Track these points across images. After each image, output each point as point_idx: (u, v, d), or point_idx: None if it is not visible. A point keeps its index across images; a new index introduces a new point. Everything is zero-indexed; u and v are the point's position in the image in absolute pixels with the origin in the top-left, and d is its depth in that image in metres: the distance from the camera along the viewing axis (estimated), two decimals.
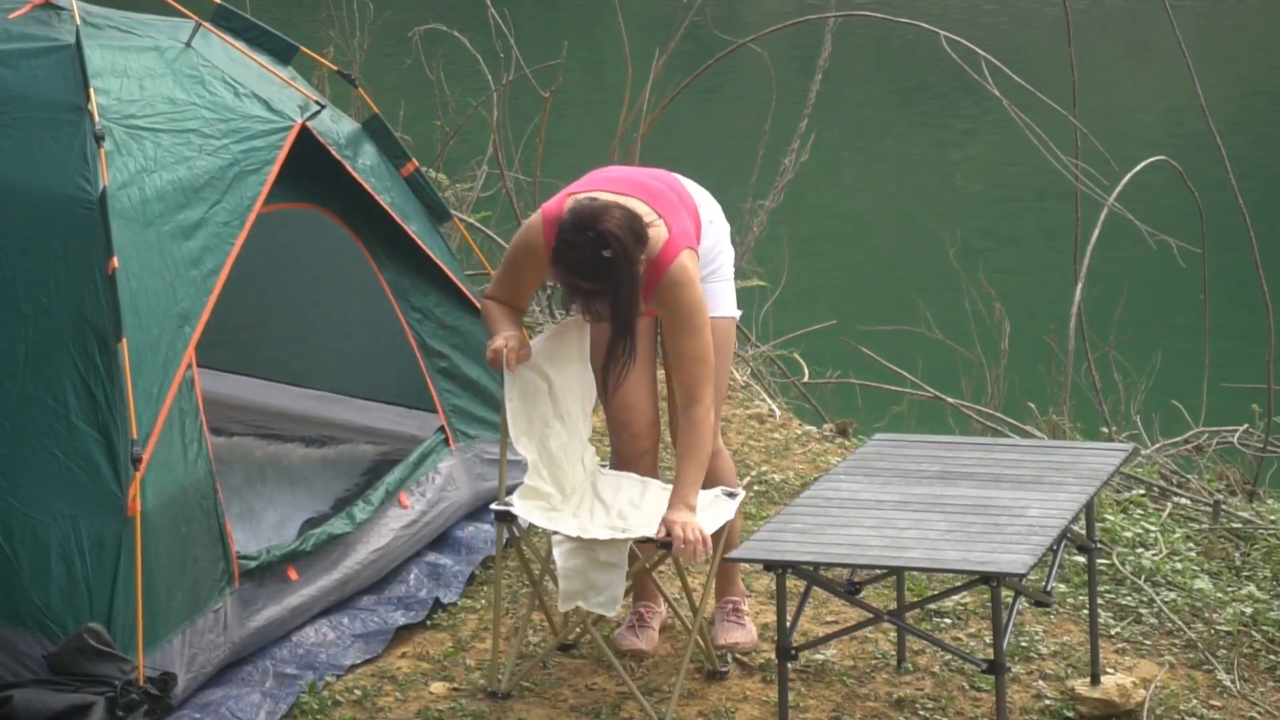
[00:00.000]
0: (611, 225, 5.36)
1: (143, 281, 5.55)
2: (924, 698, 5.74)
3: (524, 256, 5.65)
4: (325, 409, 7.35)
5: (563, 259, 5.42)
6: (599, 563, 5.44)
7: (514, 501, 5.61)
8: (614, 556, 5.44)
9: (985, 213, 17.19)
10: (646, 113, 9.86)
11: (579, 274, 5.42)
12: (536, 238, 5.59)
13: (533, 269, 5.67)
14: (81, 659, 5.17)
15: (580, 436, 5.86)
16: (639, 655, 5.86)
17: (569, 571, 5.46)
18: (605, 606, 5.47)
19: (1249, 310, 9.08)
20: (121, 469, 5.34)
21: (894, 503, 5.39)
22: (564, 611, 5.62)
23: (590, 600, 5.46)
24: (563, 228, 5.41)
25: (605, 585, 5.44)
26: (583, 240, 5.37)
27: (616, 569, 5.43)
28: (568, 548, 5.49)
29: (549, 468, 5.72)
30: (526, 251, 5.64)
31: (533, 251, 5.61)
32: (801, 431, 8.17)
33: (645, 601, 5.98)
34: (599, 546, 5.45)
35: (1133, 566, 6.60)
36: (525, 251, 5.64)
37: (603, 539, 5.47)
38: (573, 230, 5.39)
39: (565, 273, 5.44)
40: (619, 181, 5.65)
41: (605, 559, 5.44)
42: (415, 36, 11.17)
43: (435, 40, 11.69)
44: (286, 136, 6.17)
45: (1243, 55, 24.54)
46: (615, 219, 5.37)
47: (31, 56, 5.83)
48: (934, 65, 18.68)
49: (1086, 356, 8.77)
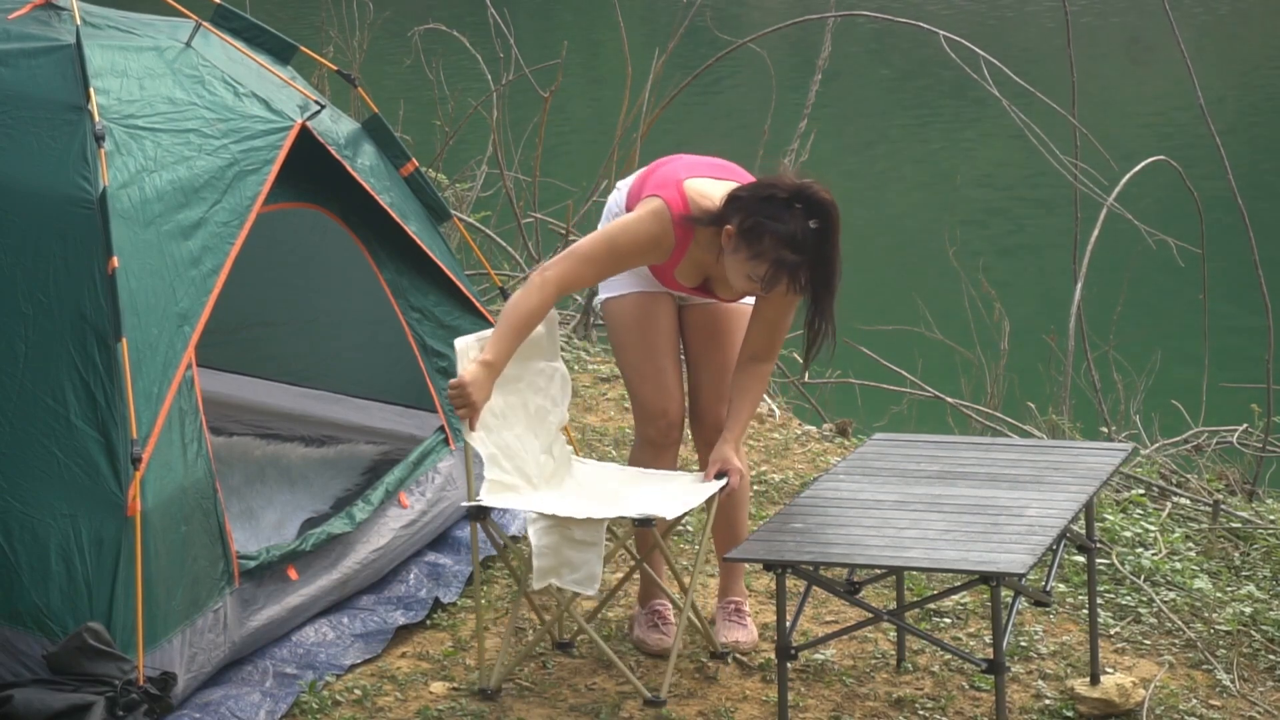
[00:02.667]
0: (823, 194, 5.46)
1: (142, 281, 5.55)
2: (924, 697, 5.74)
3: (645, 247, 5.62)
4: (325, 409, 7.35)
5: (768, 232, 5.44)
6: (574, 540, 5.42)
7: (482, 496, 5.61)
8: (590, 535, 5.41)
9: (985, 212, 17.19)
10: (646, 112, 9.86)
11: (787, 246, 5.44)
12: (666, 228, 5.59)
13: (645, 259, 5.66)
14: (81, 658, 5.17)
15: (548, 428, 5.85)
16: (668, 653, 5.81)
17: (542, 549, 5.44)
18: (582, 584, 5.44)
19: (1249, 310, 9.09)
20: (121, 469, 5.34)
21: (893, 502, 5.39)
22: (537, 589, 5.59)
23: (565, 577, 5.44)
24: (765, 200, 5.45)
25: (581, 563, 5.41)
26: (790, 213, 5.44)
27: (593, 547, 5.41)
28: (542, 525, 5.47)
29: (510, 459, 5.71)
30: (652, 242, 5.61)
31: (659, 242, 5.60)
32: (801, 431, 8.17)
33: (659, 600, 5.97)
34: (574, 525, 5.43)
35: (1132, 566, 6.60)
36: (650, 242, 5.61)
37: (578, 517, 5.44)
38: (781, 204, 5.45)
39: (773, 246, 5.45)
40: (715, 167, 5.76)
41: (581, 537, 5.42)
42: (415, 36, 11.18)
43: (435, 40, 11.70)
44: (286, 136, 6.17)
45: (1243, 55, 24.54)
46: (823, 190, 5.47)
47: (31, 56, 5.83)
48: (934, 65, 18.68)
49: (1086, 356, 8.78)
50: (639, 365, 5.82)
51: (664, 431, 5.84)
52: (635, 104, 9.92)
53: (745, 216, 5.49)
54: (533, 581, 5.51)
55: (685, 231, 5.62)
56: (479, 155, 10.81)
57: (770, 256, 5.47)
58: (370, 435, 7.18)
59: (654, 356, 5.82)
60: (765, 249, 5.47)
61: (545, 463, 5.82)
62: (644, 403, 5.84)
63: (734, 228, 5.50)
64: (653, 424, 5.84)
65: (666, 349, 5.83)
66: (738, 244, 5.51)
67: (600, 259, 5.66)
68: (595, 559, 5.41)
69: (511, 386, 5.77)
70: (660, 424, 5.83)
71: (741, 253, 5.51)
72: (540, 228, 10.43)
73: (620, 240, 5.64)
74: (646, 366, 5.81)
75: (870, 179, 18.45)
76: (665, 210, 5.62)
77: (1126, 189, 8.40)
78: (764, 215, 5.47)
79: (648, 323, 5.82)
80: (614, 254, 5.65)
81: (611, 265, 5.68)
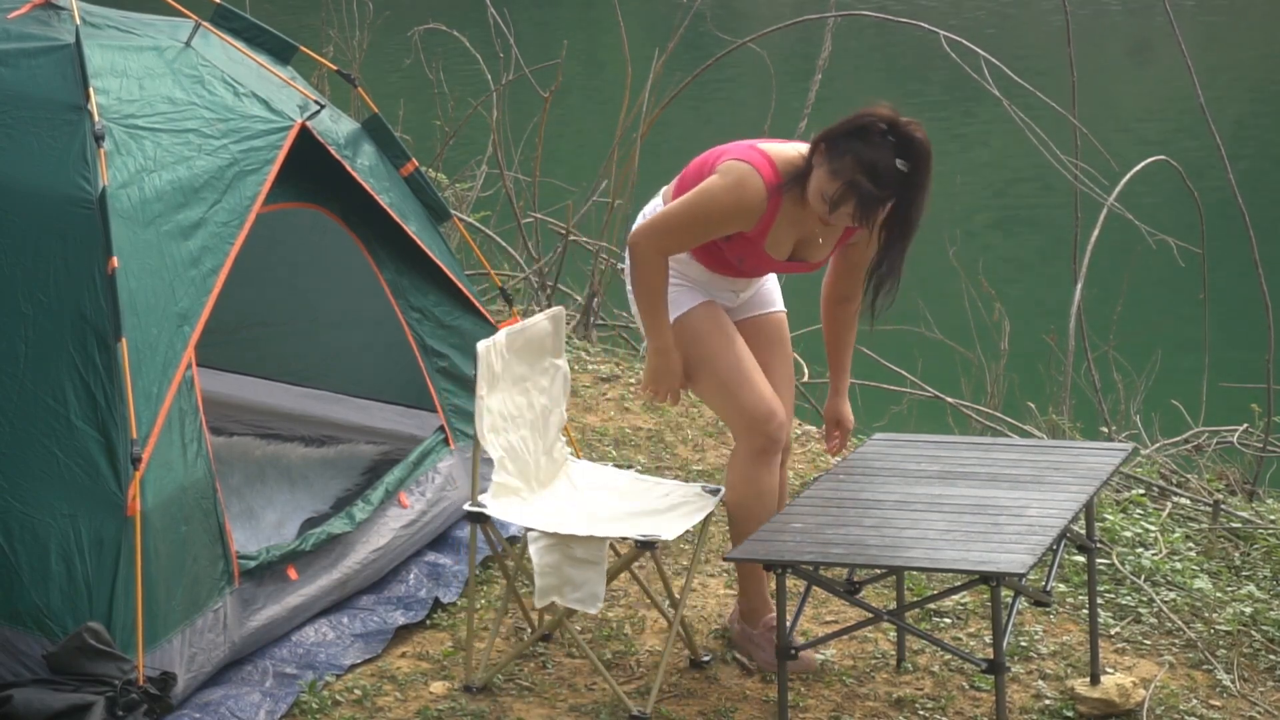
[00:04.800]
0: (918, 133, 5.35)
1: (142, 281, 5.55)
2: (924, 697, 5.74)
3: (738, 212, 5.46)
4: (325, 408, 7.35)
5: (851, 152, 5.32)
6: (575, 559, 5.41)
7: (486, 501, 5.61)
8: (592, 554, 5.40)
9: (985, 212, 17.19)
10: (646, 112, 9.86)
11: (866, 173, 5.32)
12: (757, 192, 5.44)
13: (736, 224, 5.50)
14: (81, 658, 5.17)
15: (550, 428, 5.85)
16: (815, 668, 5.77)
17: (544, 568, 5.43)
18: (585, 603, 5.42)
19: (1249, 310, 9.08)
20: (121, 469, 5.34)
21: (893, 502, 5.39)
22: (539, 607, 5.60)
23: (568, 596, 5.42)
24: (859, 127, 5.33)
25: (583, 581, 5.40)
26: (880, 141, 5.31)
27: (595, 565, 5.39)
28: (543, 544, 5.46)
29: (514, 461, 5.71)
30: (742, 208, 5.45)
31: (751, 207, 5.45)
32: (801, 431, 8.17)
33: (771, 614, 5.77)
34: (575, 543, 5.42)
35: (1132, 566, 6.60)
36: (740, 208, 5.46)
37: (580, 535, 5.44)
38: (875, 132, 5.32)
39: (852, 167, 5.32)
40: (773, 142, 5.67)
41: (582, 555, 5.41)
42: (415, 36, 11.17)
43: (435, 40, 11.69)
44: (286, 136, 6.17)
45: (1243, 55, 24.54)
46: (919, 129, 5.36)
47: (31, 56, 5.83)
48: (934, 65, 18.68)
49: (1086, 356, 8.77)
50: (732, 372, 5.64)
51: (775, 434, 5.63)
52: (635, 104, 9.91)
53: (836, 138, 5.37)
54: (535, 600, 5.51)
55: (775, 194, 5.47)
56: (479, 155, 10.80)
57: (846, 176, 5.34)
58: (370, 435, 7.18)
59: (743, 360, 5.67)
60: (844, 167, 5.34)
61: (545, 464, 5.82)
62: (749, 409, 5.62)
63: (824, 145, 5.39)
64: (762, 429, 5.61)
65: (747, 352, 5.69)
66: (821, 158, 5.39)
67: (691, 228, 5.53)
68: (597, 577, 5.40)
69: (520, 386, 5.77)
70: (770, 426, 5.61)
71: (823, 167, 5.38)
72: (540, 228, 10.43)
73: (708, 206, 5.49)
74: (739, 372, 5.64)
75: None
76: (752, 172, 5.47)
77: (1127, 189, 8.40)
78: (855, 137, 5.34)
79: (728, 328, 5.70)
80: (705, 220, 5.51)
81: (702, 232, 5.54)
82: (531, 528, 5.50)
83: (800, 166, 5.46)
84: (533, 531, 5.48)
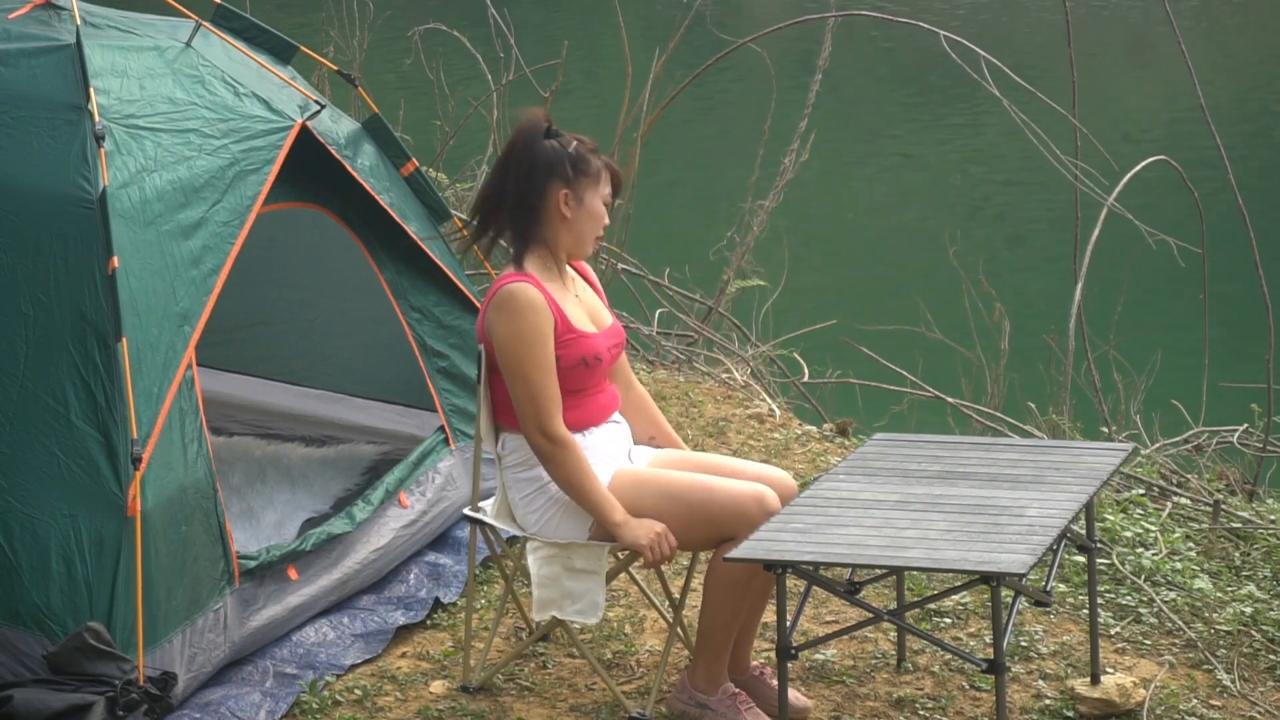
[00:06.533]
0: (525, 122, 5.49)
1: (142, 281, 5.55)
2: (924, 697, 5.74)
3: (531, 310, 5.33)
4: (325, 408, 7.35)
5: (568, 156, 5.44)
6: (574, 570, 5.37)
7: (485, 506, 5.60)
8: (591, 563, 5.36)
9: (985, 212, 17.19)
10: (646, 113, 9.86)
11: (593, 152, 5.51)
12: (525, 288, 5.33)
13: (544, 322, 5.34)
14: (81, 658, 5.18)
15: None
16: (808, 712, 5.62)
17: (543, 580, 5.38)
18: (584, 614, 5.38)
19: (1249, 310, 9.08)
20: (121, 469, 5.34)
21: (894, 502, 5.39)
22: (538, 618, 5.56)
23: (567, 610, 5.38)
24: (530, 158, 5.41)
25: (582, 593, 5.36)
26: (552, 140, 5.47)
27: (594, 575, 5.35)
28: (542, 554, 5.41)
29: None
30: (531, 306, 5.33)
31: (535, 300, 5.34)
32: (801, 431, 8.17)
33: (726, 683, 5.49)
34: (574, 552, 5.40)
35: (1133, 566, 6.60)
36: (531, 307, 5.33)
37: (579, 543, 5.41)
38: (538, 142, 5.43)
39: (594, 156, 5.50)
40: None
41: (582, 566, 5.37)
42: (415, 36, 11.18)
43: (435, 40, 11.69)
44: (286, 136, 6.18)
45: (1244, 55, 24.54)
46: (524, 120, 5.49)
47: (31, 56, 5.83)
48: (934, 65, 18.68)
49: (1086, 356, 8.77)
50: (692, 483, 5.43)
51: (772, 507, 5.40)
52: (635, 104, 9.92)
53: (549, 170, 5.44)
54: (533, 612, 5.49)
55: (531, 279, 5.35)
56: (479, 155, 10.80)
57: (601, 162, 5.49)
58: (370, 435, 7.19)
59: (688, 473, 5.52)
60: (596, 165, 5.47)
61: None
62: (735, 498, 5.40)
63: (568, 186, 5.41)
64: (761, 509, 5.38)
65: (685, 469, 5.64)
66: (580, 184, 5.44)
67: (534, 364, 5.30)
68: (597, 587, 5.37)
69: None
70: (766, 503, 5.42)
71: (588, 189, 5.45)
72: None
73: (519, 331, 5.32)
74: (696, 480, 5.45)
75: (870, 179, 18.45)
76: (505, 283, 5.34)
77: (1127, 189, 8.39)
78: (547, 162, 5.41)
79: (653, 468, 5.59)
80: (530, 343, 5.30)
81: (542, 357, 5.29)
82: (531, 538, 5.48)
83: (529, 240, 5.44)
84: (532, 541, 5.46)
